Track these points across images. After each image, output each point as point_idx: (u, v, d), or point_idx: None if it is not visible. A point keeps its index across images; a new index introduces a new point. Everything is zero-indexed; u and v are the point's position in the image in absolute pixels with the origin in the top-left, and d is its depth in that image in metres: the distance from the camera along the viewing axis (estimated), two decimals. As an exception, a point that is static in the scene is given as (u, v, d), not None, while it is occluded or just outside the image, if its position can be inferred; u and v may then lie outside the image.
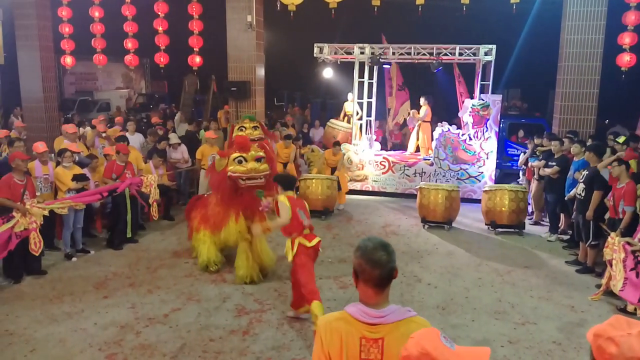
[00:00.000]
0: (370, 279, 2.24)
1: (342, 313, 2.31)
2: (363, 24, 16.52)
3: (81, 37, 14.48)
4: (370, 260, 2.23)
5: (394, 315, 2.25)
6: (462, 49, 12.03)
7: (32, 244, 7.18)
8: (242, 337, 5.70)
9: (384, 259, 2.24)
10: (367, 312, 2.25)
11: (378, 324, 2.23)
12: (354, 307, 2.30)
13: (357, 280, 2.31)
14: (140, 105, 24.87)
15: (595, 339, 1.83)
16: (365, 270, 2.25)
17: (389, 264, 2.25)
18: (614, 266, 6.55)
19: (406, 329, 2.23)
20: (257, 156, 7.03)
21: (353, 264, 2.32)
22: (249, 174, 6.93)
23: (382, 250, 2.27)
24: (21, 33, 13.08)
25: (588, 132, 11.01)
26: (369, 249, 2.26)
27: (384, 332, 2.23)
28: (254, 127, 7.70)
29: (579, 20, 10.86)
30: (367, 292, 2.28)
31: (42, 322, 6.01)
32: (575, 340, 5.74)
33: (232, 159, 7.00)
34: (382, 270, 2.24)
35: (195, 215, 7.92)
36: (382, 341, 2.22)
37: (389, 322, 2.24)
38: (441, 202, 9.86)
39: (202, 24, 13.17)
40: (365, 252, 2.26)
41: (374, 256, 2.24)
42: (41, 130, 13.00)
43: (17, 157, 7.27)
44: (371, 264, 2.23)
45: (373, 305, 2.27)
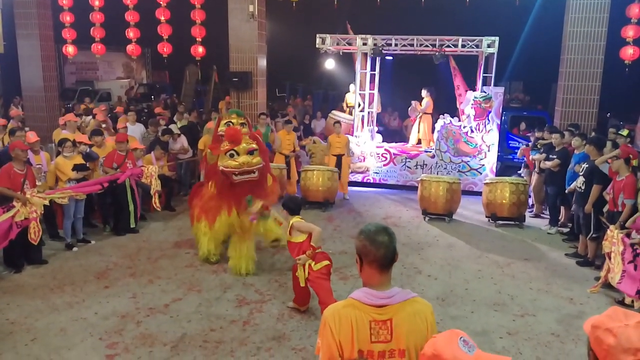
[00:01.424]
0: (375, 259, 2.33)
1: (348, 300, 2.36)
2: (365, 15, 16.43)
3: (82, 26, 14.42)
4: (375, 241, 2.33)
5: (399, 296, 2.33)
6: (465, 40, 11.97)
7: (32, 234, 7.19)
8: (243, 327, 5.73)
9: (386, 240, 2.35)
10: (374, 295, 2.32)
11: (386, 305, 2.31)
12: (360, 292, 2.37)
13: (360, 263, 2.40)
14: (141, 95, 24.80)
15: (593, 330, 1.85)
16: (369, 252, 2.34)
17: (391, 244, 2.36)
18: (613, 259, 6.58)
19: (412, 309, 2.34)
20: (249, 149, 6.75)
21: (356, 248, 2.41)
22: (241, 168, 6.65)
23: (384, 232, 2.38)
24: (21, 22, 13.02)
25: (590, 125, 10.98)
26: (371, 231, 2.37)
27: (392, 312, 2.30)
28: (241, 123, 7.60)
29: (582, 13, 10.79)
30: (371, 273, 2.36)
31: (43, 312, 6.03)
32: (573, 332, 5.77)
33: (223, 152, 6.74)
34: (386, 250, 2.33)
35: (196, 203, 7.74)
36: (390, 322, 2.29)
37: (396, 303, 2.32)
38: (442, 194, 9.86)
39: (204, 13, 13.11)
40: (368, 234, 2.36)
41: (378, 237, 2.35)
42: (41, 119, 12.99)
43: (17, 147, 7.28)
44: (376, 245, 2.33)
45: (378, 287, 2.35)
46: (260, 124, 11.78)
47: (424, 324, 2.34)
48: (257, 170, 6.76)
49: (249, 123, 7.93)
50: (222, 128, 7.68)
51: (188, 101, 20.48)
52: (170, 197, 10.72)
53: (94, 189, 8.43)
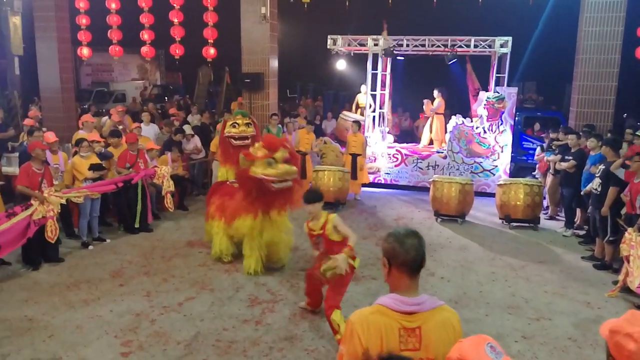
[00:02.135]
0: (405, 262, 2.28)
1: (375, 307, 2.28)
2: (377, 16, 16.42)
3: (97, 29, 14.59)
4: (405, 244, 2.29)
5: (428, 303, 2.27)
6: (478, 40, 11.93)
7: (49, 232, 7.29)
8: (255, 327, 5.75)
9: (416, 243, 2.31)
10: (403, 301, 2.25)
11: (416, 312, 2.24)
12: (388, 298, 2.29)
13: (389, 267, 2.33)
14: (155, 96, 24.99)
15: (612, 335, 1.81)
16: (399, 255, 2.29)
17: (421, 247, 2.32)
18: (632, 262, 6.42)
19: (440, 317, 2.27)
20: (285, 157, 6.60)
21: (385, 251, 2.36)
22: (281, 178, 6.50)
23: (414, 235, 2.34)
24: (40, 25, 13.19)
25: (606, 126, 10.87)
26: (401, 234, 2.33)
27: (421, 320, 2.24)
28: (246, 123, 7.66)
29: (598, 12, 10.69)
30: (400, 278, 2.31)
31: (60, 309, 6.11)
32: (591, 337, 5.67)
33: (262, 159, 6.53)
34: (416, 254, 2.29)
35: (214, 201, 7.73)
36: (419, 330, 2.22)
37: (426, 310, 2.25)
38: (455, 195, 9.82)
39: (216, 15, 13.18)
40: (398, 236, 2.32)
41: (408, 240, 2.30)
42: (58, 120, 13.12)
43: (37, 147, 7.43)
44: (405, 247, 2.28)
45: (406, 293, 2.28)
46: (272, 125, 11.85)
47: (452, 333, 2.28)
48: (293, 179, 6.69)
49: (255, 123, 7.94)
50: (228, 130, 7.72)
51: (200, 102, 20.59)
52: (184, 197, 10.79)
53: (109, 189, 8.53)
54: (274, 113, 12.30)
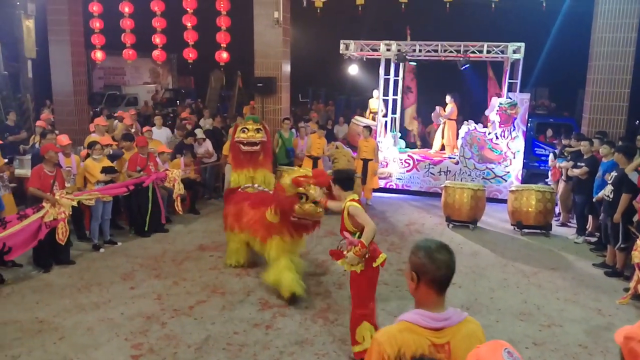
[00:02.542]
0: (435, 279, 2.20)
1: (402, 324, 2.20)
2: (390, 21, 16.42)
3: (110, 32, 14.69)
4: (436, 260, 2.20)
5: (455, 317, 2.21)
6: (490, 46, 11.90)
7: (60, 234, 7.31)
8: (266, 331, 5.74)
9: (448, 258, 2.22)
10: (432, 317, 2.18)
11: (444, 328, 2.18)
12: (415, 314, 2.21)
13: (417, 282, 2.25)
14: (167, 100, 25.14)
15: (627, 341, 1.80)
16: (429, 271, 2.20)
17: (453, 263, 2.23)
18: (643, 270, 6.43)
19: (466, 330, 2.22)
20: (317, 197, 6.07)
21: (413, 265, 2.26)
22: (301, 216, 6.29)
23: (446, 250, 2.24)
24: (53, 28, 13.29)
25: (618, 133, 10.77)
26: (432, 248, 2.23)
27: (450, 335, 2.18)
28: (256, 129, 7.60)
29: (611, 19, 10.62)
30: (429, 294, 2.22)
31: (71, 311, 6.13)
32: (602, 344, 5.65)
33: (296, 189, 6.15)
34: (447, 270, 2.21)
35: (230, 210, 7.53)
36: (448, 345, 2.16)
37: (454, 324, 2.20)
38: (466, 201, 9.78)
39: (229, 19, 13.24)
40: (428, 251, 2.22)
41: (439, 255, 2.21)
42: (71, 123, 13.20)
43: (50, 149, 7.45)
44: (437, 263, 2.19)
45: (434, 309, 2.21)
46: (284, 129, 11.86)
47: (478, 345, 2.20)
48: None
49: (266, 129, 7.89)
50: (238, 135, 7.70)
51: (212, 106, 20.66)
52: (195, 201, 10.83)
53: (120, 192, 8.57)
54: (286, 117, 12.33)
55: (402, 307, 6.38)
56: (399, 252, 8.45)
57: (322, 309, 6.35)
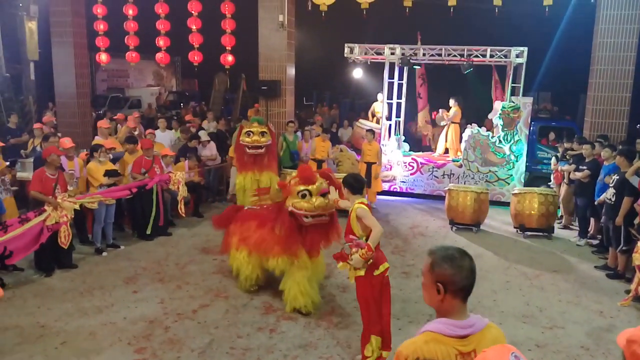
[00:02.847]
0: (462, 289, 2.17)
1: (426, 335, 2.15)
2: (394, 25, 16.43)
3: (113, 35, 14.73)
4: (462, 269, 2.16)
5: (479, 324, 2.19)
6: (494, 50, 11.91)
7: (62, 237, 7.30)
8: (270, 335, 5.75)
9: (472, 266, 2.19)
10: (457, 325, 2.14)
11: (469, 335, 2.15)
12: (439, 324, 2.17)
13: (443, 293, 2.18)
14: (170, 102, 25.18)
15: (629, 344, 1.81)
16: (457, 281, 2.16)
17: (475, 270, 2.20)
18: (644, 272, 6.44)
19: (490, 335, 2.19)
20: (322, 189, 5.95)
21: (438, 276, 2.19)
22: (315, 212, 5.89)
23: (467, 256, 2.21)
24: (56, 30, 13.33)
25: (620, 137, 10.81)
26: (456, 257, 2.18)
27: (475, 342, 2.15)
28: (261, 132, 7.47)
29: (613, 24, 10.69)
30: (455, 304, 2.18)
31: (73, 315, 6.13)
32: (603, 345, 5.67)
33: (295, 192, 5.95)
34: (473, 278, 2.19)
35: (235, 230, 6.98)
36: (474, 353, 2.13)
37: (478, 331, 2.17)
38: (470, 204, 9.78)
39: (234, 23, 13.27)
40: (453, 261, 2.17)
41: (464, 264, 2.18)
42: (74, 125, 13.25)
43: (52, 152, 7.44)
44: (464, 273, 2.16)
45: (459, 317, 2.17)
46: (289, 132, 11.88)
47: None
48: (329, 214, 6.04)
49: (272, 131, 7.85)
50: (243, 138, 7.65)
51: (216, 109, 20.69)
52: (199, 204, 10.84)
53: (123, 194, 8.53)
54: (291, 120, 12.35)
55: (405, 310, 6.40)
56: (402, 255, 8.46)
57: (326, 312, 6.35)
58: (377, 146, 11.51)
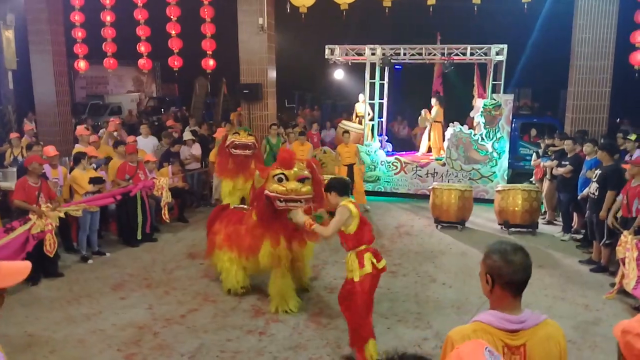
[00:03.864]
0: (511, 282, 2.17)
1: (476, 324, 2.18)
2: (374, 26, 16.52)
3: (92, 41, 14.60)
4: (512, 262, 2.17)
5: (532, 320, 2.19)
6: (474, 48, 12.03)
7: (48, 245, 7.26)
8: (259, 337, 5.74)
9: (525, 262, 2.19)
10: (507, 319, 2.16)
11: (519, 330, 2.16)
12: (489, 315, 2.19)
13: (492, 285, 2.22)
14: (151, 108, 25.00)
15: (624, 335, 1.84)
16: (505, 274, 2.17)
17: (529, 267, 2.20)
18: (627, 264, 6.51)
19: (544, 332, 2.20)
20: (300, 175, 5.92)
21: (488, 267, 2.23)
22: (288, 195, 5.82)
23: (522, 252, 2.20)
24: (34, 38, 13.20)
25: (600, 131, 10.96)
26: (508, 250, 2.19)
27: (526, 337, 2.16)
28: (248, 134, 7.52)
29: (591, 19, 10.81)
30: (504, 297, 2.20)
31: (61, 324, 6.07)
32: (590, 338, 5.73)
33: (271, 175, 5.96)
34: (523, 274, 2.18)
35: (219, 229, 6.94)
36: (524, 348, 2.15)
37: (529, 327, 2.18)
38: (454, 202, 9.86)
39: (214, 26, 13.24)
40: (504, 253, 2.19)
41: (515, 258, 2.17)
42: (54, 134, 13.13)
43: (34, 161, 7.40)
44: (513, 267, 2.16)
45: (510, 311, 2.18)
46: (272, 135, 11.86)
47: (557, 348, 2.22)
48: (305, 200, 5.91)
49: (257, 140, 7.74)
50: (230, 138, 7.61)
51: (198, 113, 20.61)
52: (183, 209, 10.78)
53: (107, 202, 8.51)
54: (274, 123, 12.33)
55: (393, 309, 6.42)
56: (389, 255, 8.47)
57: (314, 313, 6.36)
58: (353, 147, 11.47)
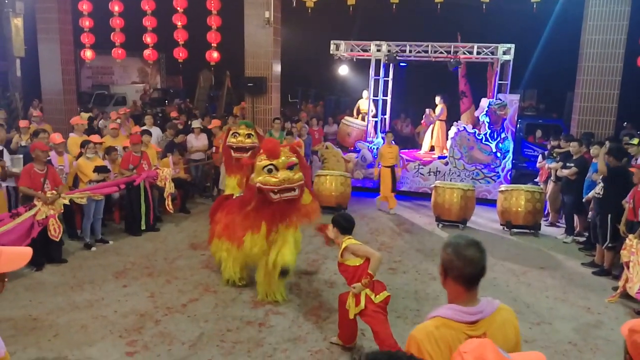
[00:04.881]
0: (461, 275, 2.20)
1: (437, 320, 2.21)
2: (380, 22, 16.47)
3: (98, 31, 14.63)
4: (463, 257, 2.20)
5: (489, 308, 2.23)
6: (480, 47, 12.00)
7: (52, 230, 7.30)
8: (259, 329, 5.77)
9: (476, 257, 2.21)
10: (465, 311, 2.19)
11: (479, 320, 2.20)
12: (448, 310, 2.22)
13: (445, 277, 2.28)
14: (154, 100, 25.00)
15: (631, 334, 1.86)
16: (455, 267, 2.21)
17: (481, 262, 2.22)
18: (631, 268, 6.46)
19: (501, 318, 2.25)
20: (289, 163, 5.92)
21: (442, 260, 2.28)
22: (281, 185, 5.82)
23: (475, 247, 2.22)
24: (42, 26, 13.24)
25: (607, 134, 10.89)
26: (461, 245, 2.23)
27: (485, 326, 2.21)
28: (247, 134, 7.33)
29: (601, 21, 10.73)
30: (456, 289, 2.24)
31: (64, 309, 6.12)
32: (591, 341, 5.73)
33: (260, 167, 5.90)
34: (473, 269, 2.20)
35: (220, 218, 6.91)
36: (484, 336, 2.18)
37: (487, 316, 2.22)
38: (456, 201, 9.86)
39: (220, 19, 13.24)
40: (457, 247, 2.22)
41: (467, 253, 2.20)
42: (60, 122, 13.15)
43: (37, 148, 7.43)
44: (463, 261, 2.20)
45: (466, 304, 2.21)
46: (275, 129, 11.85)
47: (512, 331, 2.29)
48: (297, 187, 5.96)
49: (258, 134, 7.61)
50: (229, 139, 7.35)
51: (201, 106, 20.65)
52: (186, 200, 10.81)
53: (111, 190, 8.57)
54: (277, 117, 12.34)
55: (393, 305, 6.38)
56: (389, 252, 8.50)
57: (314, 307, 6.38)
58: (396, 149, 11.13)
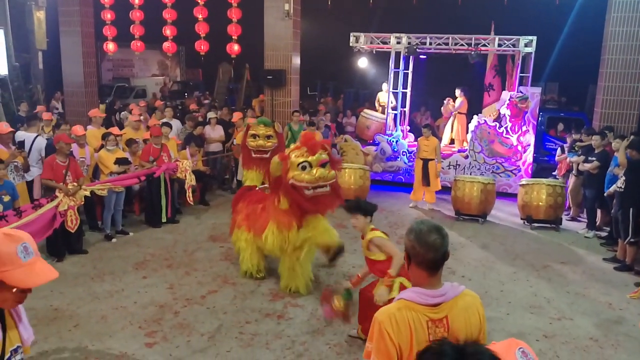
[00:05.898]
0: (423, 261, 2.26)
1: (400, 302, 2.28)
2: (400, 13, 16.36)
3: (119, 24, 14.75)
4: (425, 244, 2.25)
5: (451, 292, 2.29)
6: (502, 39, 11.85)
7: (69, 222, 7.37)
8: (277, 321, 5.79)
9: (437, 243, 2.26)
10: (427, 294, 2.26)
11: (441, 303, 2.26)
12: (411, 292, 2.29)
13: (409, 262, 2.33)
14: (174, 92, 25.14)
15: None
16: (418, 253, 2.27)
17: (442, 247, 2.27)
18: (654, 264, 6.43)
19: (463, 302, 2.31)
20: (322, 160, 5.89)
21: (405, 246, 2.35)
22: (316, 183, 5.83)
23: (436, 233, 2.27)
24: (64, 19, 13.37)
25: (630, 127, 10.69)
26: (423, 231, 2.28)
27: (447, 309, 2.27)
28: (267, 135, 7.12)
29: (625, 12, 10.50)
30: (420, 274, 2.30)
31: (85, 299, 6.20)
32: (613, 337, 5.67)
33: (295, 163, 5.87)
34: (435, 254, 2.25)
35: (241, 208, 6.93)
36: (446, 319, 2.25)
37: (450, 299, 2.28)
38: (476, 195, 9.77)
39: (240, 12, 13.24)
40: (419, 234, 2.28)
41: (428, 239, 2.25)
42: (81, 114, 13.28)
43: (61, 140, 7.52)
44: (425, 247, 2.25)
45: (429, 287, 2.28)
46: (294, 122, 11.86)
47: (476, 316, 2.33)
48: (330, 184, 5.98)
49: (278, 133, 7.45)
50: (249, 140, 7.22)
51: (220, 99, 20.71)
52: (205, 192, 10.87)
53: (132, 182, 8.62)
54: (296, 110, 12.32)
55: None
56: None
57: (332, 300, 6.38)
58: (435, 141, 10.70)
